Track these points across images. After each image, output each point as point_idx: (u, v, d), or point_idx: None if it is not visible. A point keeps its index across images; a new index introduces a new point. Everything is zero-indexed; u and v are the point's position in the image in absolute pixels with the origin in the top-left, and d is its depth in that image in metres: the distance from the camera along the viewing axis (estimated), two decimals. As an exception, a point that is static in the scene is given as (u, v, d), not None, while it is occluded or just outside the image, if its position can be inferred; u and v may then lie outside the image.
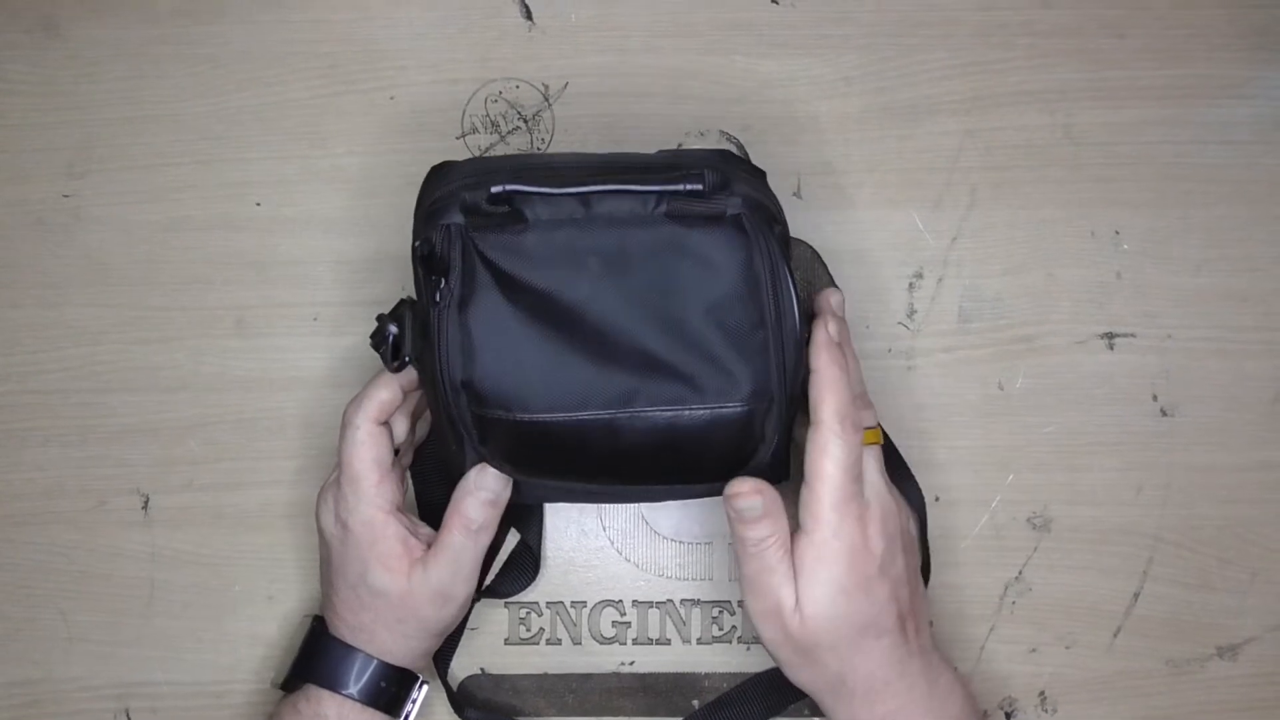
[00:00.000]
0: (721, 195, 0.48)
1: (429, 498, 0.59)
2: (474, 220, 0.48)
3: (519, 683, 0.61)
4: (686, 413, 0.47)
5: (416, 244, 0.48)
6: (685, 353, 0.47)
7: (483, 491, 0.52)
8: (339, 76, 0.62)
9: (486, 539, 0.53)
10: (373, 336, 0.51)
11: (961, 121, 0.62)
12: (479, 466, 0.52)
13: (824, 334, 0.49)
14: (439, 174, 0.51)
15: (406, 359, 0.50)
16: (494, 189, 0.47)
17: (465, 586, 0.54)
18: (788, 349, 0.48)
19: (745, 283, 0.47)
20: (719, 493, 0.51)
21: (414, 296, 0.50)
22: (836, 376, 0.48)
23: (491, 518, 0.53)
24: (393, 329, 0.51)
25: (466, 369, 0.47)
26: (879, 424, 0.52)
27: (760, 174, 0.52)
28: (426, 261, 0.48)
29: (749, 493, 0.48)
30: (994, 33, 0.62)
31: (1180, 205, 0.62)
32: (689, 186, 0.48)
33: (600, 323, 0.47)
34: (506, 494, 0.53)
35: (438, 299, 0.47)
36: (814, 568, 0.48)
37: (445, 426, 0.50)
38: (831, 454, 0.48)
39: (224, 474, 0.61)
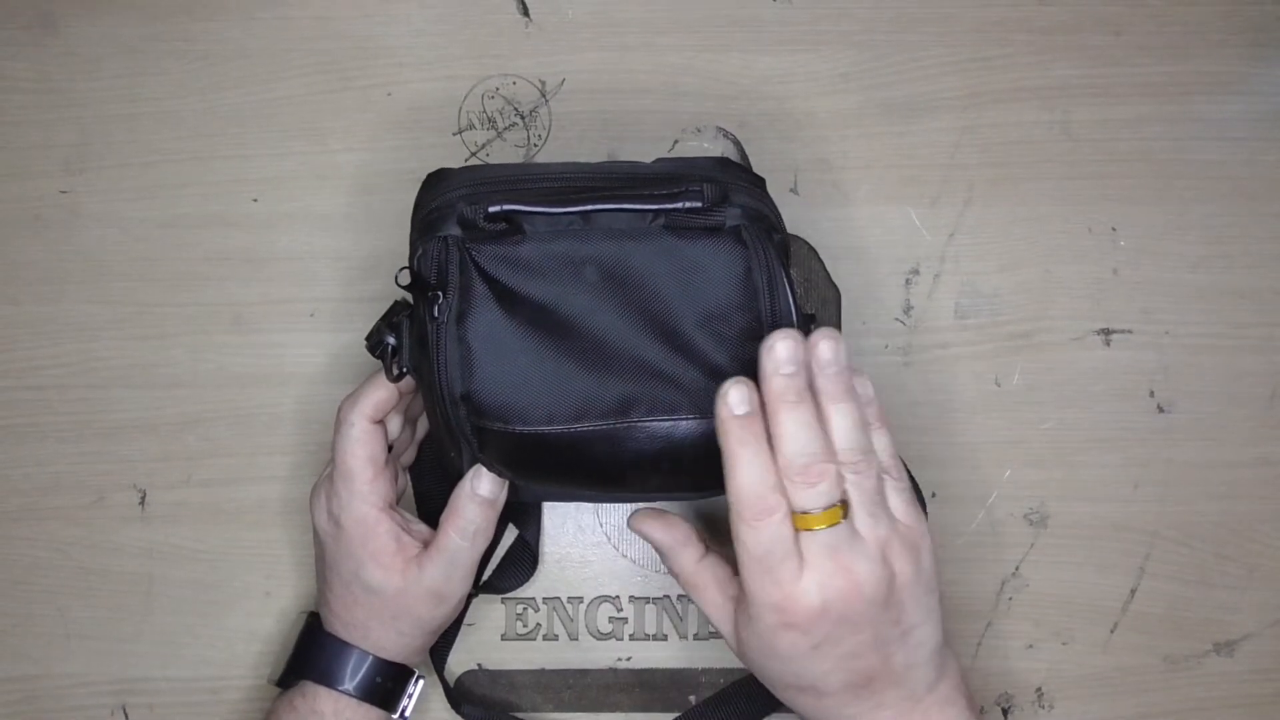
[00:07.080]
0: (720, 208, 0.47)
1: (428, 496, 0.59)
2: (471, 232, 0.47)
3: (516, 678, 0.61)
4: (684, 423, 0.47)
5: (414, 261, 0.48)
6: (683, 363, 0.47)
7: (480, 494, 0.52)
8: (336, 73, 0.62)
9: (483, 543, 0.53)
10: (368, 340, 0.51)
11: (959, 118, 0.62)
12: (476, 469, 0.51)
13: (724, 409, 0.44)
14: (435, 182, 0.50)
15: (404, 370, 0.50)
16: (492, 209, 0.47)
17: (461, 587, 0.54)
18: None
19: (742, 293, 0.47)
20: (720, 494, 0.51)
21: (409, 299, 0.50)
22: (742, 456, 0.44)
23: (488, 520, 0.53)
24: (390, 340, 0.50)
25: (465, 382, 0.47)
26: (844, 498, 0.45)
27: (760, 181, 0.51)
28: (422, 279, 0.48)
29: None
30: (991, 29, 0.62)
31: (1177, 201, 0.62)
32: (688, 205, 0.47)
33: (598, 333, 0.47)
34: (503, 497, 0.53)
35: (435, 314, 0.47)
36: (745, 622, 0.47)
37: (444, 434, 0.50)
38: (740, 539, 0.45)
39: (221, 470, 0.61)
